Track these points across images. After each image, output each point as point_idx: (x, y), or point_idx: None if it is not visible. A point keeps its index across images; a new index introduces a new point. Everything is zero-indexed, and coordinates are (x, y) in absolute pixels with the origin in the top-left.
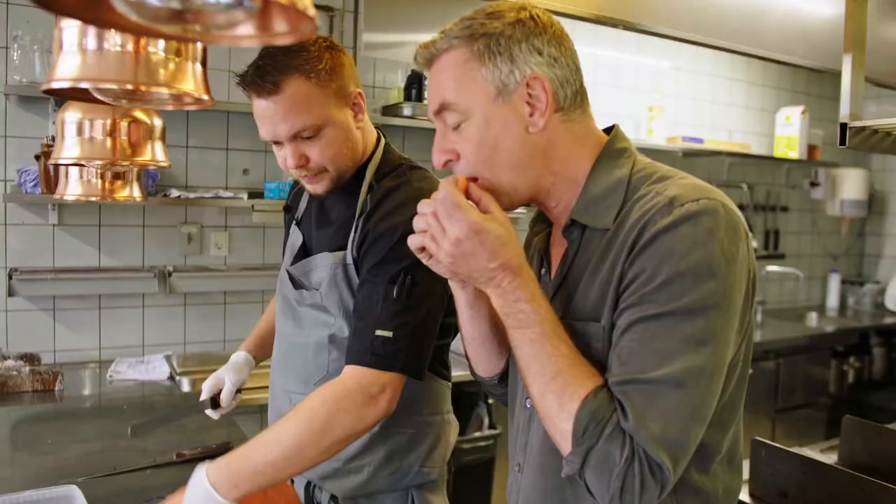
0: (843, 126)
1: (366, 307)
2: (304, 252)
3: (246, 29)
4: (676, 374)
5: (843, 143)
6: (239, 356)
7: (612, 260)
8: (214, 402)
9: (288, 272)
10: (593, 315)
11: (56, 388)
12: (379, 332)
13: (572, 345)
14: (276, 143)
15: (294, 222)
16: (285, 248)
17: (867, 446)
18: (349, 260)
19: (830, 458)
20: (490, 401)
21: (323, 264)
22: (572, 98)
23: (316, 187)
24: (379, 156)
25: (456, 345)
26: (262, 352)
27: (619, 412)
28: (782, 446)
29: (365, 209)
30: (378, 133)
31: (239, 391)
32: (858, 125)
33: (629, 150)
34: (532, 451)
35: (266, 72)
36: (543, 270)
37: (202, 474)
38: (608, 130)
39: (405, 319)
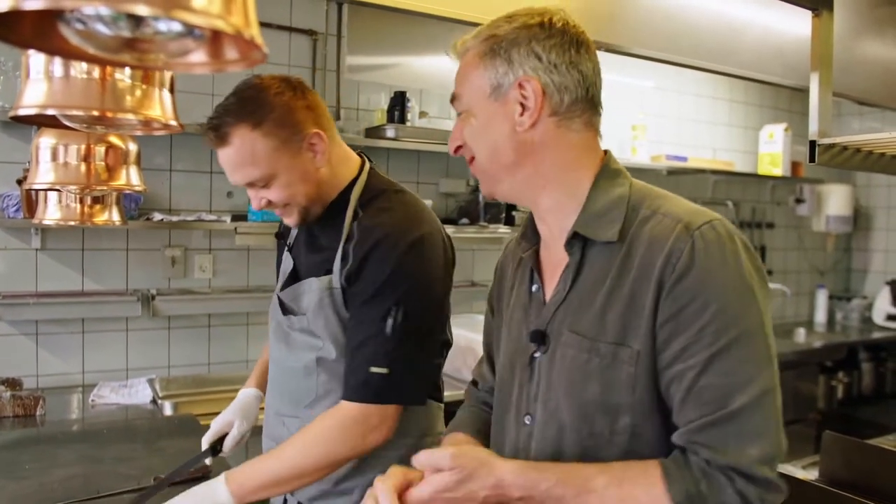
0: (813, 143)
1: (358, 343)
2: (295, 278)
3: (198, 56)
4: (757, 396)
5: (812, 159)
6: (248, 393)
7: (634, 285)
8: (215, 449)
9: (279, 297)
10: (618, 338)
11: (37, 413)
12: (374, 370)
13: (598, 466)
14: None
15: (287, 248)
16: (278, 273)
17: (847, 462)
18: (335, 284)
19: (812, 475)
20: None
21: (311, 289)
22: (570, 105)
23: (288, 220)
24: (363, 181)
25: (447, 366)
26: None
27: (705, 454)
28: None
29: (352, 236)
30: (362, 157)
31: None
32: (827, 142)
33: (623, 173)
34: None
35: (216, 124)
36: (535, 287)
37: (222, 476)
38: None
39: (399, 354)
